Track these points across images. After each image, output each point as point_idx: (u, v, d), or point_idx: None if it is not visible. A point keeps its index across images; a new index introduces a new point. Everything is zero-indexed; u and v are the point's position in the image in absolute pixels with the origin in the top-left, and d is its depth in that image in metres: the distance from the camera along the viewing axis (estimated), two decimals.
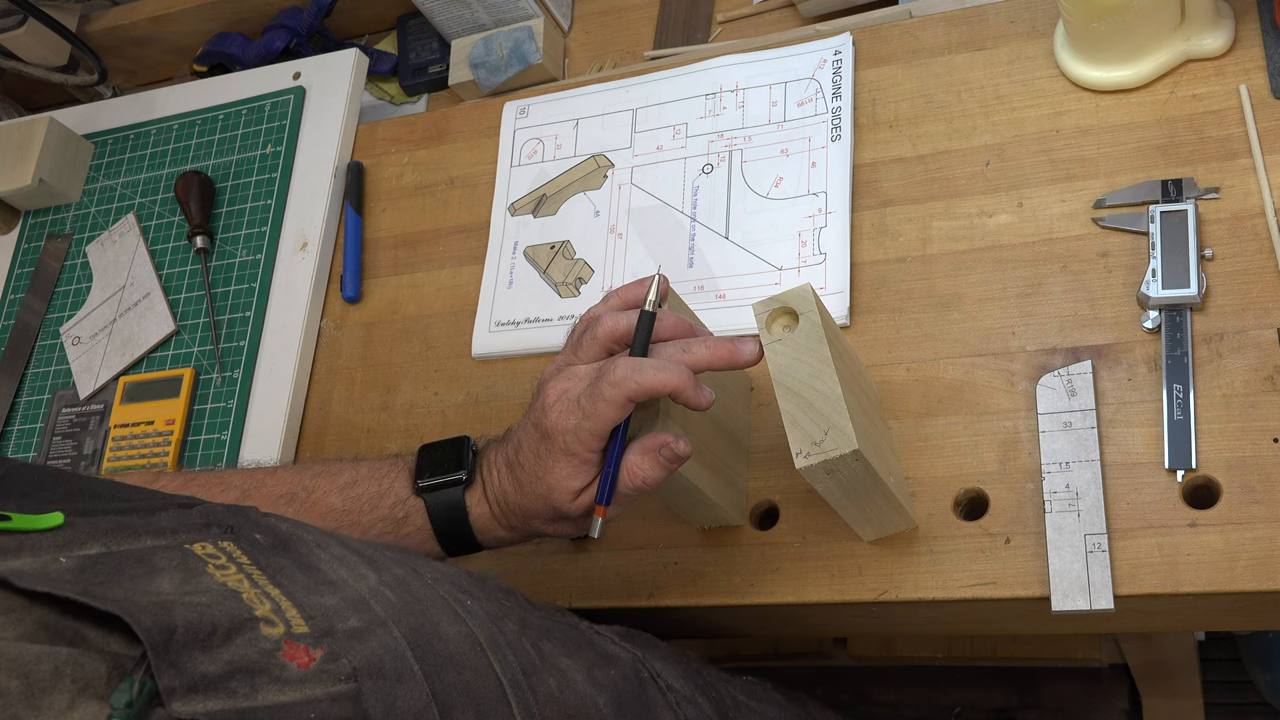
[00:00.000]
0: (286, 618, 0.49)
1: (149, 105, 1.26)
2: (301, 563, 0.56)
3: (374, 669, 0.50)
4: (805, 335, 0.67)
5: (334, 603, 0.53)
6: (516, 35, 1.11)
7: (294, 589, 0.52)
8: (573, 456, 0.69)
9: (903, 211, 0.88)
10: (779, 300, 0.68)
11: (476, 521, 0.75)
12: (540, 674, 0.60)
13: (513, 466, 0.73)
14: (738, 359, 0.69)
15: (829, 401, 0.65)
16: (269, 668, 0.46)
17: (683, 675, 0.73)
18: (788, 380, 0.66)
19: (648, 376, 0.66)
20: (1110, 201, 0.82)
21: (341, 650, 0.49)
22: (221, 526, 0.55)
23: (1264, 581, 0.69)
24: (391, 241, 1.08)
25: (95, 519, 0.52)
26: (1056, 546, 0.72)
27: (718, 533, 0.83)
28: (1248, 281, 0.76)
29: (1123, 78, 0.84)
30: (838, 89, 0.94)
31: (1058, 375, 0.77)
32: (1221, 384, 0.74)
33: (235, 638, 0.46)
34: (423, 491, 0.75)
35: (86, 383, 1.12)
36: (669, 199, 0.97)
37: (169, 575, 0.50)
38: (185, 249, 1.15)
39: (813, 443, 0.65)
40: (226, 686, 0.44)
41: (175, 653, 0.44)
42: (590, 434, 0.68)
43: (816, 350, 0.67)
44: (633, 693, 0.67)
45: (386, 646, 0.52)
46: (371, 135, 1.15)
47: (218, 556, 0.52)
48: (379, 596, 0.55)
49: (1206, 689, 1.40)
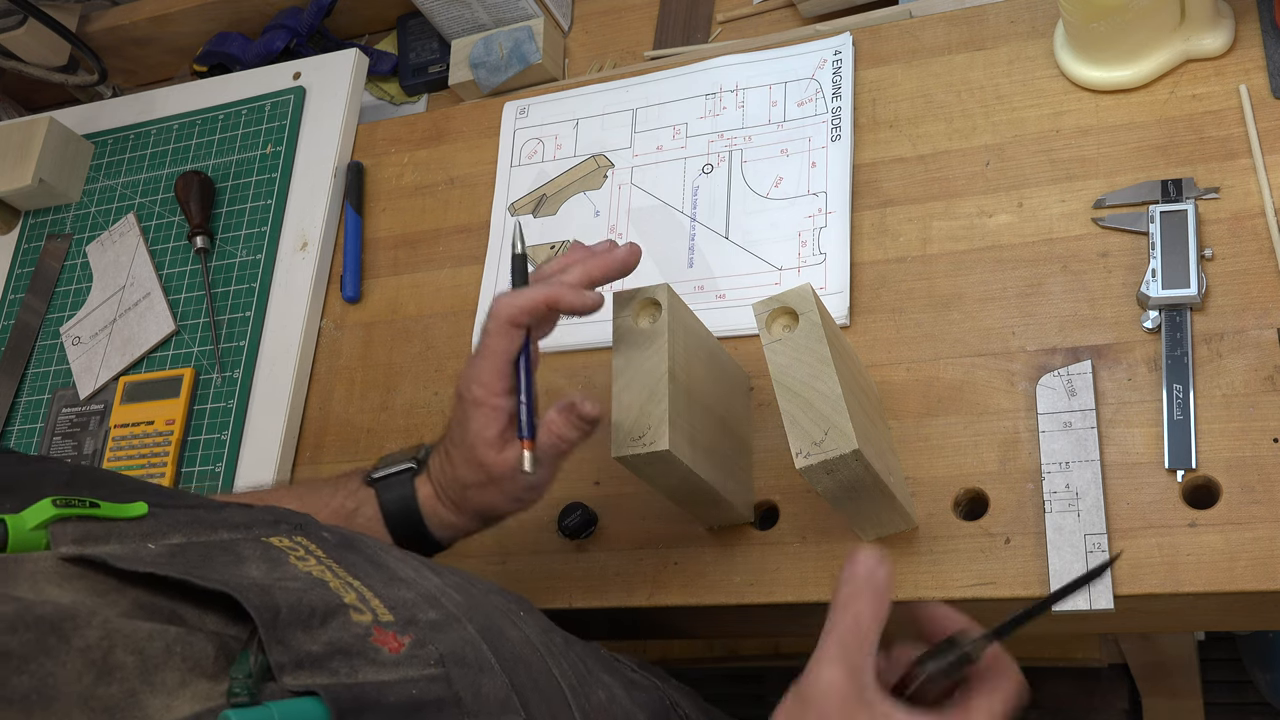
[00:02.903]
0: (371, 606, 0.51)
1: (149, 105, 1.26)
2: (371, 560, 0.57)
3: (458, 657, 0.51)
4: (805, 335, 0.67)
5: (411, 596, 0.54)
6: (516, 35, 1.11)
7: (371, 582, 0.54)
8: (481, 405, 0.70)
9: (903, 211, 0.88)
10: (779, 300, 0.68)
11: (424, 504, 0.75)
12: (590, 685, 0.61)
13: (446, 442, 0.74)
14: (613, 269, 0.72)
15: (829, 401, 0.65)
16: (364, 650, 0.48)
17: (697, 708, 0.74)
18: (788, 380, 0.66)
19: (522, 297, 0.69)
20: (1110, 201, 0.82)
21: (427, 638, 0.51)
22: (290, 523, 0.57)
23: (1264, 581, 0.69)
24: (391, 241, 1.08)
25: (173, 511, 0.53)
26: (1056, 546, 0.72)
27: (718, 532, 0.83)
28: (1248, 281, 0.76)
29: (1123, 78, 0.84)
30: (838, 89, 0.94)
31: (1058, 375, 0.77)
32: (1221, 384, 0.74)
33: (330, 621, 0.48)
34: (374, 483, 0.76)
35: (86, 383, 1.12)
36: (669, 199, 0.97)
37: (255, 564, 0.51)
38: (185, 249, 1.15)
39: (813, 442, 0.65)
40: (328, 665, 0.46)
41: (281, 630, 0.45)
42: (488, 372, 0.69)
43: (816, 350, 0.67)
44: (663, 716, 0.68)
45: (465, 639, 0.53)
46: (371, 135, 1.15)
47: (296, 549, 0.54)
48: (446, 595, 0.57)
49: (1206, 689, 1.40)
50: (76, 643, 0.40)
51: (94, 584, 0.45)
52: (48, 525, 0.47)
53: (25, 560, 0.44)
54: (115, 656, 0.41)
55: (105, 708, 0.40)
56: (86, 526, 0.48)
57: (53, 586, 0.44)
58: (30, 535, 0.46)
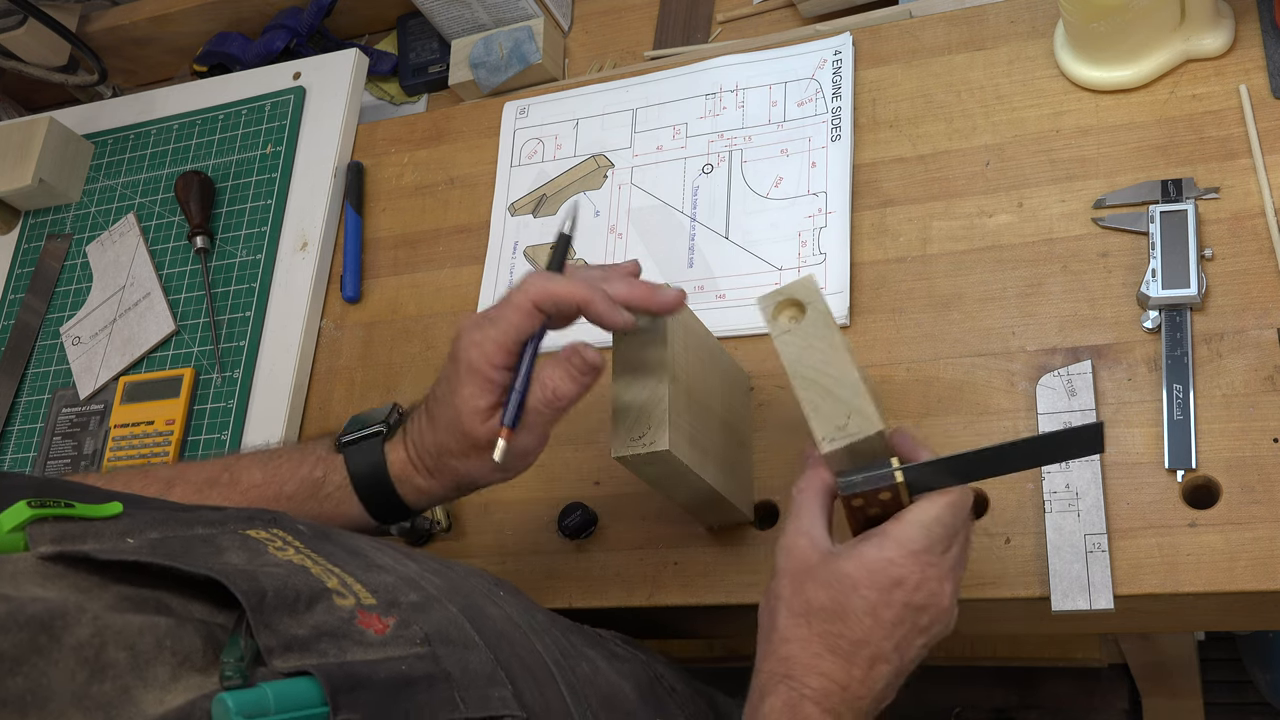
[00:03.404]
0: (354, 590, 0.51)
1: (149, 105, 1.26)
2: (347, 549, 0.57)
3: (442, 636, 0.51)
4: (814, 324, 0.67)
5: (391, 580, 0.54)
6: (516, 35, 1.11)
7: (351, 568, 0.54)
8: (477, 374, 0.65)
9: (903, 211, 0.88)
10: (784, 293, 0.68)
11: (394, 468, 0.71)
12: (573, 658, 0.61)
13: (429, 402, 0.70)
14: (652, 302, 0.68)
15: (847, 386, 0.65)
16: (350, 632, 0.48)
17: (680, 679, 0.74)
18: (802, 369, 0.66)
19: (559, 285, 0.65)
20: (1110, 201, 0.82)
21: (411, 619, 0.51)
22: (264, 518, 0.57)
23: (1264, 581, 0.69)
24: (391, 241, 1.08)
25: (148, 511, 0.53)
26: (1056, 546, 0.72)
27: (718, 532, 0.83)
28: (1248, 281, 0.76)
29: (1123, 78, 0.84)
30: (838, 89, 0.94)
31: (1057, 375, 0.77)
32: (1221, 384, 0.74)
33: (315, 605, 0.48)
34: (342, 448, 0.72)
35: (86, 383, 1.12)
36: (669, 199, 0.97)
37: (236, 553, 0.51)
38: (185, 249, 1.15)
39: (837, 427, 0.64)
40: (317, 648, 0.46)
41: (268, 615, 0.46)
42: (496, 345, 0.65)
43: (827, 337, 0.67)
44: (648, 686, 0.68)
45: (447, 618, 0.53)
46: (371, 135, 1.15)
47: (273, 540, 0.54)
48: (425, 579, 0.57)
49: (1206, 689, 1.40)
50: (68, 641, 0.40)
51: (76, 581, 0.45)
52: (25, 527, 0.47)
53: (5, 561, 0.45)
54: (107, 653, 0.41)
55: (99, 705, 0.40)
56: (64, 526, 0.48)
57: (34, 586, 0.44)
58: (9, 537, 0.47)
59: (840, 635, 0.59)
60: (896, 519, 0.62)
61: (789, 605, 0.61)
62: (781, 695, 0.59)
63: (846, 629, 0.59)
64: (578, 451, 0.90)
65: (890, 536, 0.60)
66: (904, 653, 0.61)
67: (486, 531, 0.91)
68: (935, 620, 0.61)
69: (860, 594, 0.59)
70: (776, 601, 0.62)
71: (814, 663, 0.59)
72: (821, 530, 0.63)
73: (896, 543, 0.60)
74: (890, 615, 0.59)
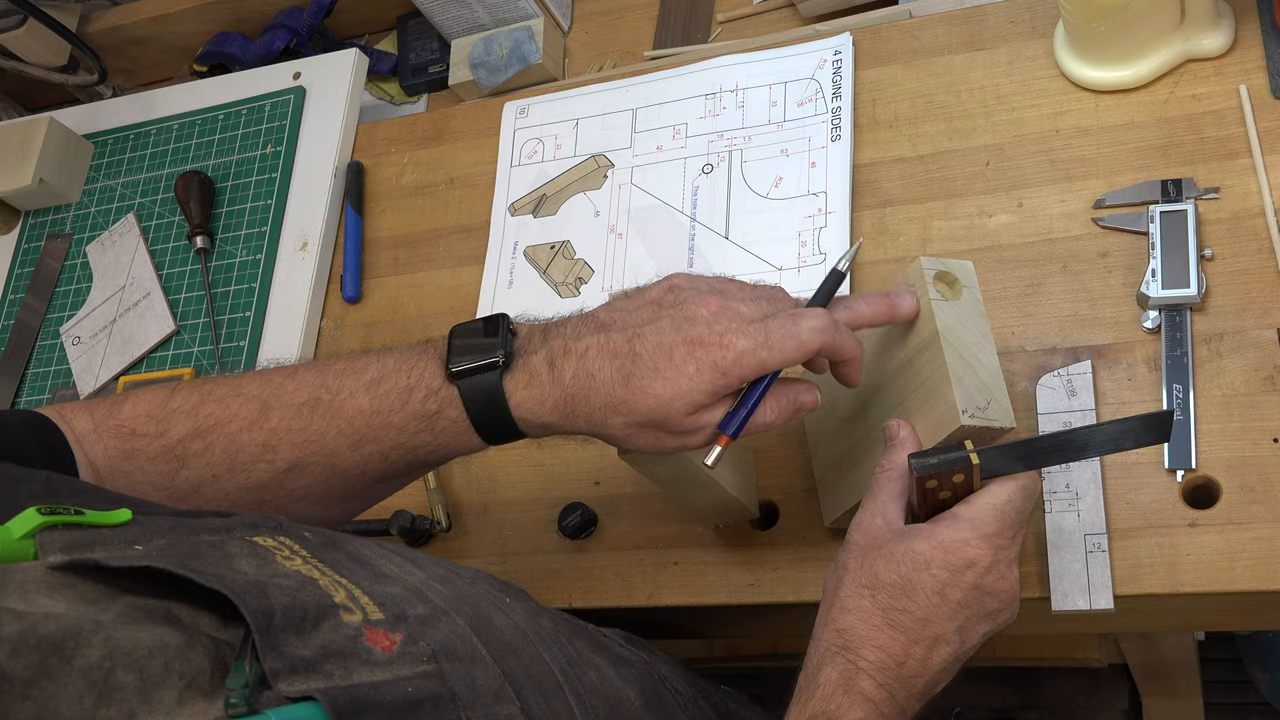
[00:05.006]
0: (361, 605, 0.51)
1: (149, 105, 1.26)
2: (354, 557, 0.57)
3: (449, 651, 0.51)
4: (970, 305, 0.68)
5: (398, 591, 0.54)
6: (516, 35, 1.11)
7: (358, 579, 0.54)
8: (724, 376, 0.61)
9: (903, 211, 0.88)
10: (946, 265, 0.69)
11: (519, 407, 0.65)
12: (580, 666, 0.61)
13: (617, 355, 0.63)
14: (897, 313, 0.68)
15: (990, 374, 0.66)
16: (357, 651, 0.48)
17: (684, 680, 0.74)
18: (953, 339, 0.66)
19: (843, 339, 0.63)
20: (1110, 201, 0.82)
21: (418, 634, 0.51)
22: (269, 525, 0.56)
23: (1264, 581, 0.69)
24: (391, 241, 1.08)
25: (155, 518, 0.53)
26: (1056, 546, 0.72)
27: (717, 532, 0.83)
28: (1248, 281, 0.76)
29: (1123, 78, 0.84)
30: (838, 89, 0.94)
31: (1057, 375, 0.77)
32: (1221, 384, 0.74)
33: (322, 623, 0.48)
34: (455, 378, 0.65)
35: (86, 383, 1.12)
36: (669, 199, 0.97)
37: (245, 560, 0.51)
38: (185, 249, 1.15)
39: (978, 407, 0.65)
40: (323, 669, 0.46)
41: (275, 636, 0.45)
42: (760, 364, 0.61)
43: (979, 324, 0.68)
44: (653, 691, 0.68)
45: (454, 632, 0.53)
46: (371, 135, 1.15)
47: (281, 549, 0.54)
48: (431, 589, 0.56)
49: (1206, 689, 1.40)
50: (78, 663, 0.40)
51: (84, 592, 0.45)
52: (34, 534, 0.47)
53: (14, 570, 0.44)
54: (116, 677, 0.41)
55: None
56: (73, 534, 0.48)
57: (43, 597, 0.44)
58: (18, 545, 0.46)
59: (904, 610, 0.60)
60: (968, 502, 0.62)
61: (855, 576, 0.62)
62: (838, 666, 0.60)
63: (912, 604, 0.60)
64: (578, 451, 0.90)
65: (963, 518, 0.61)
66: (966, 637, 0.61)
67: (486, 531, 0.91)
68: (1003, 606, 0.62)
69: (931, 572, 0.60)
70: (843, 572, 0.62)
71: (872, 635, 0.60)
72: (896, 511, 0.64)
73: (970, 524, 0.60)
74: (958, 596, 0.60)
